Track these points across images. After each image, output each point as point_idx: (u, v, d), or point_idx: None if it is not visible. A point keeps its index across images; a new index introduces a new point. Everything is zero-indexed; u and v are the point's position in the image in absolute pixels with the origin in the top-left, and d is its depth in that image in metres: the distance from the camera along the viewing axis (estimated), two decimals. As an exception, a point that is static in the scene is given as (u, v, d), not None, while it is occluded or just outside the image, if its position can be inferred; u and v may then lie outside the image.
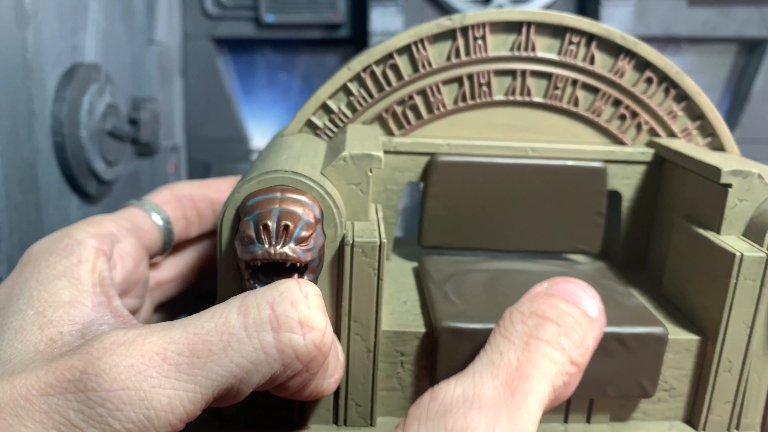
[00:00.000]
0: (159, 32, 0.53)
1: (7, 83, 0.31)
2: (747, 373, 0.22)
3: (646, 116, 0.27)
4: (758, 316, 0.22)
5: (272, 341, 0.18)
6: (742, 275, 0.21)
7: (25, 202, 0.32)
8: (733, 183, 0.22)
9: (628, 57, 0.26)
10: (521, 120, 0.28)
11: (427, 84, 0.27)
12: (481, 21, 0.26)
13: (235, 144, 0.64)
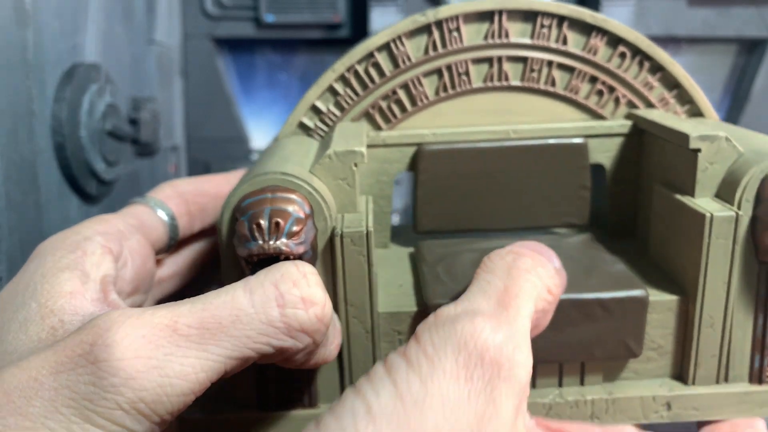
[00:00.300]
0: (159, 32, 0.53)
1: (7, 83, 0.31)
2: (729, 328, 0.23)
3: (623, 90, 0.28)
4: (734, 273, 0.23)
5: (278, 316, 0.19)
6: (714, 234, 0.22)
7: (25, 202, 0.32)
8: (702, 147, 0.23)
9: (600, 34, 0.27)
10: (501, 104, 0.28)
11: (408, 78, 0.28)
12: (454, 13, 0.27)
13: (235, 144, 0.64)
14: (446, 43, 0.27)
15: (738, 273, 0.23)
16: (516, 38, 0.27)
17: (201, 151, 0.63)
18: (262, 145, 0.66)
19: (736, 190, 0.22)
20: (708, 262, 0.23)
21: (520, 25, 0.27)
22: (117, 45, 0.46)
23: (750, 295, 0.23)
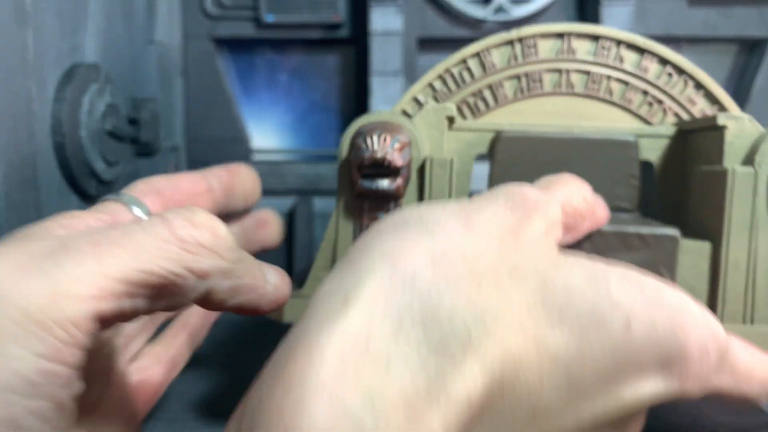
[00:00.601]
0: (159, 32, 0.53)
1: (7, 83, 0.31)
2: (753, 271, 0.27)
3: (669, 103, 0.34)
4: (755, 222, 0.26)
5: (167, 231, 0.19)
6: (736, 186, 0.27)
7: (25, 202, 0.32)
8: (728, 125, 0.28)
9: (650, 56, 0.34)
10: (567, 107, 0.35)
11: (493, 81, 0.35)
12: (534, 33, 0.34)
13: (235, 144, 0.64)
14: (525, 55, 0.34)
15: (760, 222, 0.26)
16: (582, 55, 0.34)
17: (201, 151, 0.63)
18: (262, 145, 0.66)
19: (755, 156, 0.27)
20: (732, 210, 0.27)
21: (586, 45, 0.34)
22: (117, 45, 0.46)
23: None
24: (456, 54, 0.35)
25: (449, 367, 0.16)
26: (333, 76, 0.66)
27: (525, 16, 0.60)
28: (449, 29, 0.62)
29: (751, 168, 0.26)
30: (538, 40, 0.34)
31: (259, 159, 0.65)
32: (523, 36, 0.34)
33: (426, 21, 0.62)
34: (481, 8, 0.60)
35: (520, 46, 0.34)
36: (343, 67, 0.65)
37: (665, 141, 0.32)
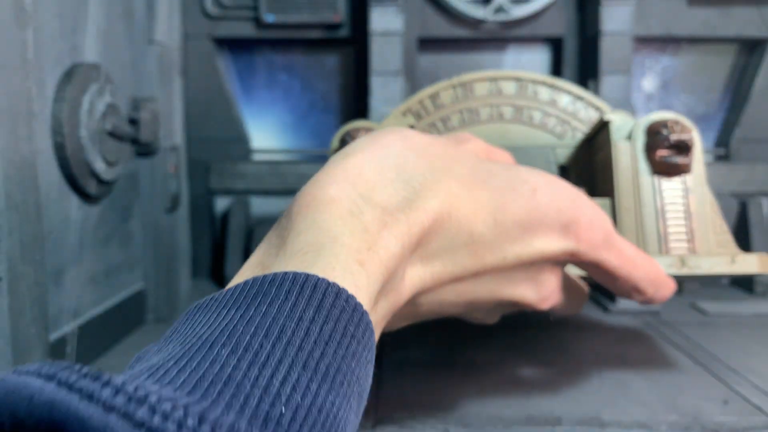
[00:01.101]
0: (159, 32, 0.53)
1: (7, 83, 0.31)
2: (640, 214, 0.35)
3: (575, 123, 0.43)
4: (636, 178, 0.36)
5: None
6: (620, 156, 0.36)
7: (25, 202, 0.32)
8: (612, 118, 0.37)
9: (558, 90, 0.43)
10: (499, 132, 0.44)
11: (443, 115, 0.44)
12: (471, 79, 0.44)
13: (235, 144, 0.64)
14: (466, 95, 0.43)
15: (640, 178, 0.35)
16: (508, 93, 0.44)
17: (201, 151, 0.63)
18: (262, 145, 0.66)
19: (633, 132, 0.36)
20: (619, 172, 0.36)
21: (511, 85, 0.44)
22: (117, 45, 0.46)
23: (652, 190, 0.34)
24: (415, 96, 0.45)
25: (413, 197, 0.24)
26: (333, 76, 0.66)
27: (525, 16, 0.60)
28: (449, 29, 0.62)
29: (629, 141, 0.36)
30: (475, 84, 0.43)
31: (259, 159, 0.65)
32: (463, 81, 0.43)
33: (426, 21, 0.62)
34: (481, 8, 0.60)
35: (462, 89, 0.43)
36: (343, 67, 0.65)
37: (574, 150, 0.41)
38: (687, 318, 0.49)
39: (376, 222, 0.22)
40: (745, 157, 0.62)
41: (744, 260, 0.31)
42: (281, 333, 0.17)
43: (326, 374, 0.17)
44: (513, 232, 0.26)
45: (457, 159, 0.27)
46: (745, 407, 0.33)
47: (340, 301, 0.18)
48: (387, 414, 0.32)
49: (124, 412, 0.12)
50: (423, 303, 0.26)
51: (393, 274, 0.23)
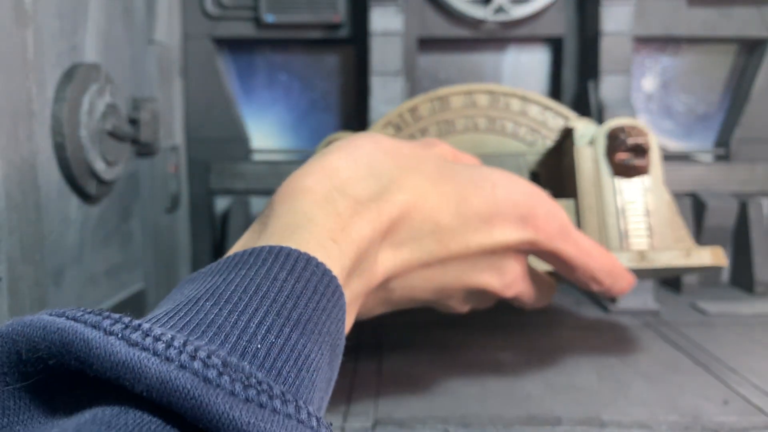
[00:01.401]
0: (159, 32, 0.53)
1: (7, 83, 0.31)
2: (602, 213, 0.37)
3: (545, 132, 0.45)
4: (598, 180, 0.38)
5: None
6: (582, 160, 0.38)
7: (25, 202, 0.32)
8: (575, 126, 0.39)
9: (528, 101, 0.46)
10: (474, 141, 0.47)
11: (422, 126, 0.47)
12: (447, 93, 0.46)
13: (235, 144, 0.64)
14: (443, 108, 0.46)
15: (602, 180, 0.37)
16: (482, 105, 0.46)
17: (201, 151, 0.63)
18: (262, 145, 0.66)
19: (595, 137, 0.38)
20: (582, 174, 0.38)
21: (485, 98, 0.46)
22: (117, 45, 0.46)
23: (612, 190, 0.36)
24: (396, 109, 0.47)
25: (382, 190, 0.26)
26: (333, 76, 0.66)
27: (525, 16, 0.60)
28: (449, 29, 0.62)
29: (591, 146, 0.37)
30: (451, 97, 0.46)
31: (259, 159, 0.65)
32: (440, 95, 0.46)
33: (426, 21, 0.62)
34: (481, 8, 0.60)
35: (439, 102, 0.46)
36: (343, 67, 0.65)
37: (544, 156, 0.44)
38: (687, 318, 0.49)
39: (349, 209, 0.25)
40: (745, 157, 0.62)
41: (698, 253, 0.34)
42: (257, 288, 0.19)
43: (297, 322, 0.19)
44: (475, 223, 0.29)
45: (424, 159, 0.29)
46: (745, 407, 0.33)
47: (311, 266, 0.21)
48: (387, 414, 0.32)
49: (122, 335, 0.14)
50: (395, 288, 0.29)
51: (365, 255, 0.25)
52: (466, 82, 0.66)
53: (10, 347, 0.15)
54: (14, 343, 0.15)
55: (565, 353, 0.41)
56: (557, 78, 0.64)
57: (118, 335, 0.14)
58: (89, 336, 0.14)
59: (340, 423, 0.31)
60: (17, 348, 0.15)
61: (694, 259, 0.34)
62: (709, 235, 0.60)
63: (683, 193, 0.61)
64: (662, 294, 0.57)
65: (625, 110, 0.58)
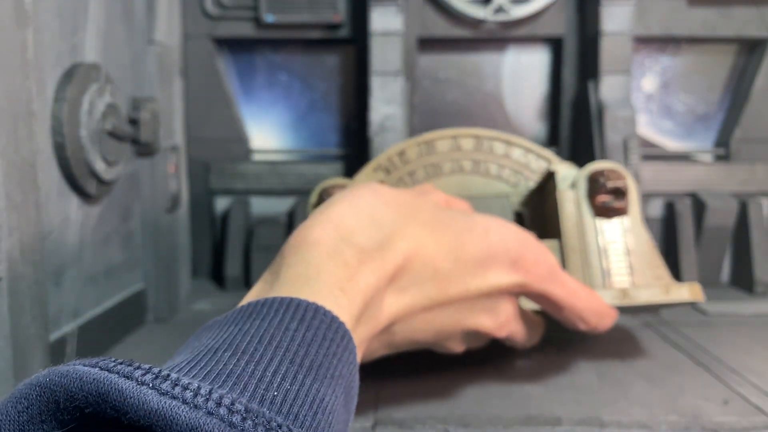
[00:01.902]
0: (159, 32, 0.53)
1: (7, 83, 0.31)
2: (585, 253, 0.39)
3: (528, 173, 0.47)
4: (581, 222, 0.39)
5: None
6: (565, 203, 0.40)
7: (25, 202, 0.32)
8: (557, 169, 0.40)
9: (512, 145, 0.47)
10: (460, 183, 0.48)
11: (410, 169, 0.48)
12: (432, 138, 0.48)
13: (235, 144, 0.64)
14: (430, 151, 0.47)
15: (584, 222, 0.38)
16: (467, 149, 0.48)
17: (201, 151, 0.63)
18: (262, 145, 0.66)
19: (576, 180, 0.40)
20: (564, 217, 0.40)
21: (470, 142, 0.47)
22: (117, 45, 0.46)
23: (594, 231, 0.37)
24: (385, 153, 0.49)
25: (385, 240, 0.28)
26: (333, 76, 0.66)
27: (525, 16, 0.60)
28: (449, 29, 0.62)
29: (573, 189, 0.39)
30: (437, 141, 0.47)
31: (259, 159, 0.65)
32: (427, 140, 0.47)
33: (426, 21, 0.62)
34: (481, 8, 0.60)
35: (426, 146, 0.47)
36: (343, 67, 0.65)
37: (527, 197, 0.45)
38: (687, 318, 0.49)
39: (355, 259, 0.26)
40: (745, 157, 0.62)
41: (677, 290, 0.36)
42: (271, 339, 0.21)
43: (310, 368, 0.20)
44: (471, 267, 0.31)
45: (421, 207, 0.31)
46: (745, 407, 0.33)
47: (319, 315, 0.22)
48: (387, 414, 0.32)
49: (153, 385, 0.16)
50: (398, 331, 0.30)
51: (371, 303, 0.27)
52: (466, 82, 0.66)
53: (48, 396, 0.16)
54: (52, 393, 0.16)
55: (565, 353, 0.41)
56: (557, 78, 0.64)
57: (149, 385, 0.16)
58: (123, 386, 0.15)
59: (340, 423, 0.31)
60: (55, 397, 0.16)
61: (673, 296, 0.36)
62: (709, 235, 0.60)
63: (683, 193, 0.61)
64: (662, 294, 0.57)
65: (625, 110, 0.58)
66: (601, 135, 0.58)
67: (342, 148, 0.65)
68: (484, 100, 0.66)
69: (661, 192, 0.62)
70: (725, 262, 0.61)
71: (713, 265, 0.61)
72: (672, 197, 0.61)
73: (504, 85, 0.65)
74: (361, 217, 0.29)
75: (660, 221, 0.62)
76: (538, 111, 0.66)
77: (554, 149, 0.64)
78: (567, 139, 0.64)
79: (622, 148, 0.57)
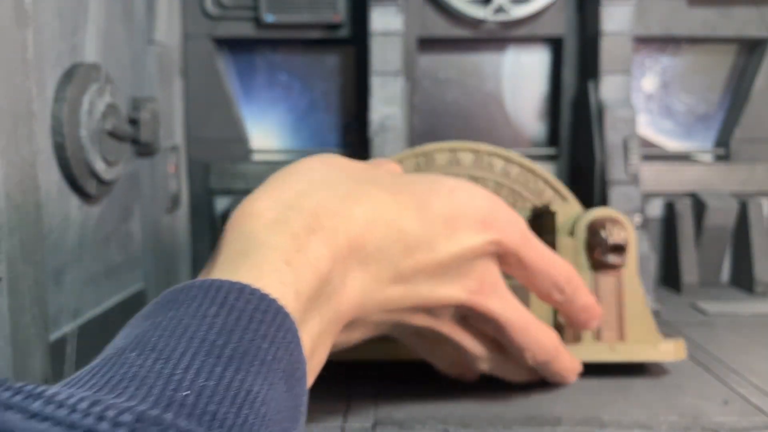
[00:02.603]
0: (159, 32, 0.53)
1: (7, 83, 0.31)
2: None
3: (526, 194, 0.45)
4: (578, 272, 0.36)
5: None
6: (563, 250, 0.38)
7: (25, 202, 0.32)
8: (558, 210, 0.39)
9: (510, 162, 0.45)
10: None
11: None
12: (432, 149, 0.45)
13: (235, 144, 0.64)
14: (427, 164, 0.46)
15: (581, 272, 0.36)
16: (465, 164, 0.46)
17: (201, 151, 0.63)
18: (262, 145, 0.66)
19: (575, 229, 0.39)
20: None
21: (469, 156, 0.46)
22: (117, 45, 0.46)
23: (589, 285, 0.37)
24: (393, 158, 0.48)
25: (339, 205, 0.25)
26: (333, 76, 0.66)
27: (525, 16, 0.60)
28: (449, 29, 0.62)
29: (572, 238, 0.38)
30: (436, 154, 0.46)
31: (259, 159, 0.65)
32: (425, 151, 0.46)
33: (426, 21, 0.62)
34: (481, 8, 0.60)
35: (424, 158, 0.46)
36: (343, 67, 0.65)
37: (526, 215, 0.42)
38: (687, 318, 0.49)
39: (305, 229, 0.24)
40: (745, 157, 0.62)
41: (665, 347, 0.36)
42: (185, 330, 0.18)
43: (231, 358, 0.18)
44: (438, 228, 0.28)
45: (378, 174, 0.30)
46: (745, 407, 0.33)
47: (245, 295, 0.20)
48: (387, 414, 0.32)
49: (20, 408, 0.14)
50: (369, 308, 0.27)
51: (327, 276, 0.24)
52: (466, 82, 0.66)
53: None
54: None
55: (565, 353, 0.41)
56: (557, 78, 0.64)
57: (15, 408, 0.14)
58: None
59: (340, 423, 0.31)
60: None
61: (660, 354, 0.36)
62: (709, 235, 0.60)
63: (683, 193, 0.61)
64: (662, 294, 0.57)
65: (625, 110, 0.58)
66: (601, 135, 0.58)
67: (342, 148, 0.65)
68: (484, 100, 0.66)
69: (661, 192, 0.62)
70: (725, 262, 0.61)
71: (713, 265, 0.61)
72: (672, 197, 0.61)
73: (504, 85, 0.65)
74: (312, 182, 0.26)
75: (660, 221, 0.62)
76: (538, 111, 0.66)
77: (554, 149, 0.64)
78: (567, 139, 0.64)
79: (622, 148, 0.57)
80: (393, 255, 0.27)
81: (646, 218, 0.61)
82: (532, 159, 0.47)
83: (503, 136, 0.65)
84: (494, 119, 0.66)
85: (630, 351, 0.36)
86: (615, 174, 0.56)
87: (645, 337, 0.37)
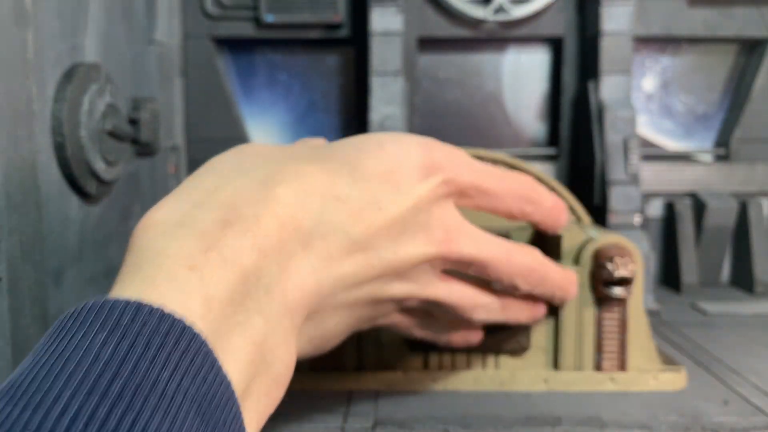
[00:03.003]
0: (159, 32, 0.53)
1: (7, 83, 0.31)
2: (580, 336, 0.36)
3: None
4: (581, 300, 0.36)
5: None
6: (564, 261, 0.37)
7: (25, 202, 0.32)
8: (564, 234, 0.37)
9: (517, 171, 0.42)
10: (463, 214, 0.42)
11: None
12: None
13: (235, 144, 0.64)
14: None
15: (584, 300, 0.36)
16: None
17: (201, 151, 0.63)
18: (262, 145, 0.66)
19: (581, 257, 0.36)
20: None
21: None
22: (117, 45, 0.46)
23: (592, 316, 0.36)
24: None
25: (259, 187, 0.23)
26: (333, 76, 0.66)
27: (525, 16, 0.60)
28: (449, 29, 0.62)
29: (578, 266, 0.36)
30: None
31: (259, 159, 0.65)
32: None
33: (426, 21, 0.62)
34: (481, 8, 0.60)
35: None
36: (343, 67, 0.65)
37: (530, 234, 0.40)
38: (687, 318, 0.49)
39: (217, 223, 0.21)
40: (745, 157, 0.62)
41: (665, 377, 0.36)
42: (65, 365, 0.16)
43: (120, 395, 0.16)
44: (378, 185, 0.26)
45: (300, 150, 0.27)
46: (745, 407, 0.33)
47: (142, 314, 0.18)
48: (387, 414, 0.32)
49: None
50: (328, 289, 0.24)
51: (254, 270, 0.21)
52: (466, 82, 0.66)
53: None
54: None
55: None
56: (557, 78, 0.64)
57: None
58: None
59: (340, 423, 0.31)
60: None
61: (660, 384, 0.36)
62: (709, 235, 0.60)
63: (683, 193, 0.61)
64: (662, 294, 0.57)
65: (625, 110, 0.58)
66: (601, 135, 0.58)
67: (342, 148, 0.65)
68: (484, 100, 0.66)
69: (661, 192, 0.62)
70: (725, 262, 0.61)
71: (713, 265, 0.61)
72: (672, 197, 0.61)
73: (504, 85, 0.65)
74: (225, 174, 0.24)
75: (660, 221, 0.62)
76: (538, 111, 0.66)
77: (554, 149, 0.64)
78: (567, 139, 0.64)
79: (622, 148, 0.57)
80: (339, 225, 0.24)
81: (646, 218, 0.61)
82: (532, 159, 0.46)
83: (503, 136, 0.65)
84: (494, 119, 0.66)
85: (630, 381, 0.36)
86: (615, 174, 0.56)
87: (646, 365, 0.36)
